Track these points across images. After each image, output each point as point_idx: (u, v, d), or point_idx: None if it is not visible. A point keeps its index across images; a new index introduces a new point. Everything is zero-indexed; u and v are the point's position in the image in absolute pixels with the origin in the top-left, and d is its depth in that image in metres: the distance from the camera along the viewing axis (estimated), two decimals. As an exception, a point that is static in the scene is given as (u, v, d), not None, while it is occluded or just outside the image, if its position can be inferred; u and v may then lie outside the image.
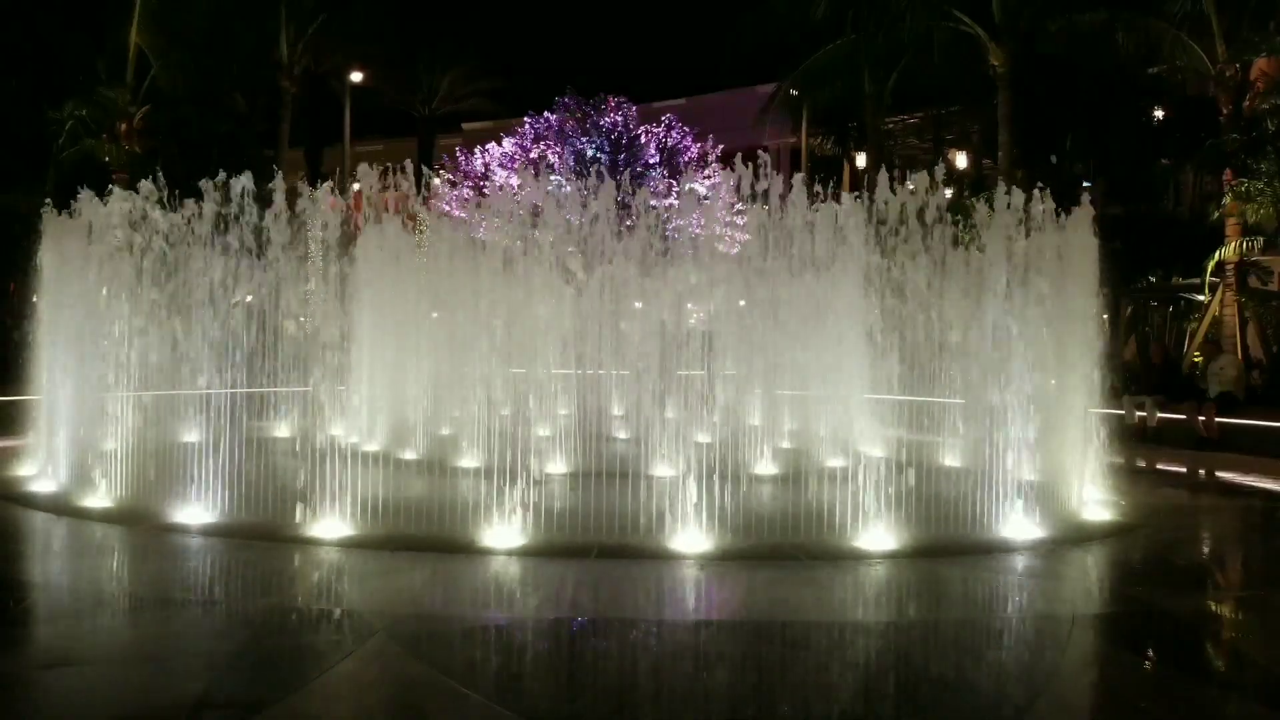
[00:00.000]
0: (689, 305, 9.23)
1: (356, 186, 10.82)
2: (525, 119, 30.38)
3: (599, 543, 7.04)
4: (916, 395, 10.72)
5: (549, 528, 7.18)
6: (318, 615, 5.70)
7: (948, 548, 7.26)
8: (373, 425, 11.22)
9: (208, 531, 7.48)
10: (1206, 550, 8.80)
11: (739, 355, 10.23)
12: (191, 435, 9.58)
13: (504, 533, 7.05)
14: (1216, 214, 20.47)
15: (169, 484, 8.15)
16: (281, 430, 11.98)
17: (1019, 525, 7.75)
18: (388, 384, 11.47)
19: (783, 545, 7.14)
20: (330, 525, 7.24)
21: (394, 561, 6.74)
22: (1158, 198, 29.15)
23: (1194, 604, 6.51)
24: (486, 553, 6.84)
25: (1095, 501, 8.77)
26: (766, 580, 6.53)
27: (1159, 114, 26.27)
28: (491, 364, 8.62)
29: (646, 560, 6.77)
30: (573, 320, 10.91)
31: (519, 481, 7.13)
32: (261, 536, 7.23)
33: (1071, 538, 7.76)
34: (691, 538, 7.04)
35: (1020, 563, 7.17)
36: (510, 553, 6.84)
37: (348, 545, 7.03)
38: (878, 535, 7.15)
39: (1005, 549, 7.39)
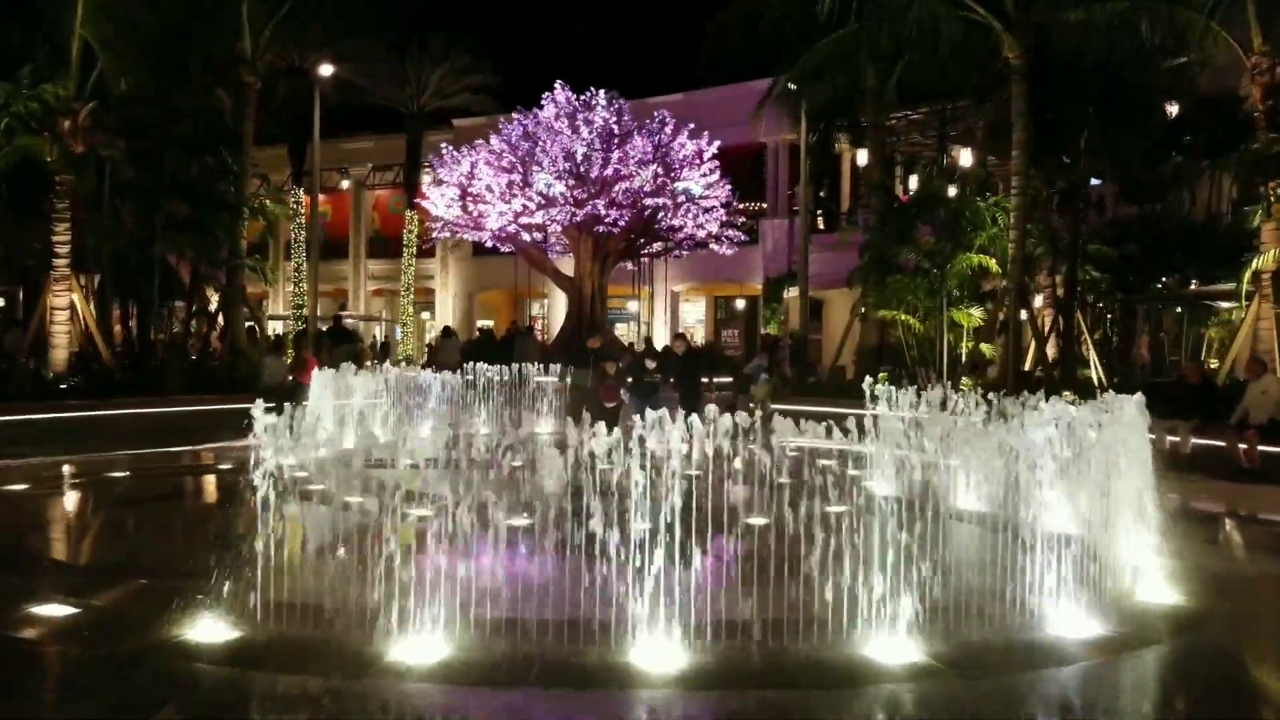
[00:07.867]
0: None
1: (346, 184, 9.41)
2: (514, 114, 28.87)
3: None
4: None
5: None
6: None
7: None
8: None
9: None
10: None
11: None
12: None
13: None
14: (1256, 221, 18.88)
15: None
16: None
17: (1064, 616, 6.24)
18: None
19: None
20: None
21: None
22: (1174, 199, 27.77)
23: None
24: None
25: (1146, 566, 7.27)
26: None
27: (1173, 111, 24.77)
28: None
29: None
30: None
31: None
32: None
33: (1131, 635, 6.24)
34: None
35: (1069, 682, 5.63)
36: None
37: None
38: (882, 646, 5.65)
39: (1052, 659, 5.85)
